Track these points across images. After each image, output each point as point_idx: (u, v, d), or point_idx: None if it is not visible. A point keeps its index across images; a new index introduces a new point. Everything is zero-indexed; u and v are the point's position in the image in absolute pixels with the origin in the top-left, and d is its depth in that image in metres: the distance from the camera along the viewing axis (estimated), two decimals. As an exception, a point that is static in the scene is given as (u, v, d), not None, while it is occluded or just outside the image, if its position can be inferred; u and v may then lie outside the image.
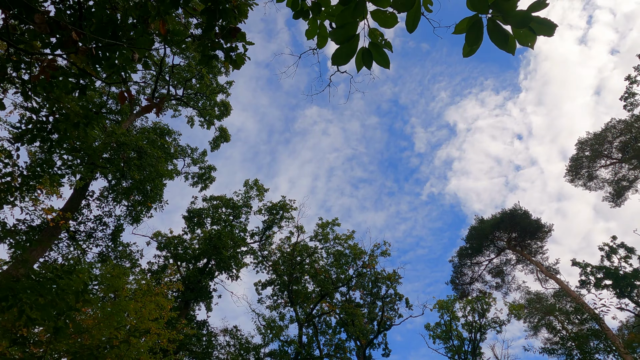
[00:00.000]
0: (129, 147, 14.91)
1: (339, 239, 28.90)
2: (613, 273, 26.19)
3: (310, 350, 29.91)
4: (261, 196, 30.14)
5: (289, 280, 28.82)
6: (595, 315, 22.16)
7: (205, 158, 28.29)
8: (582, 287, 28.01)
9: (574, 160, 30.49)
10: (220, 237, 22.66)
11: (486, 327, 35.12)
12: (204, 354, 18.80)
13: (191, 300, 23.48)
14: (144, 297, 12.66)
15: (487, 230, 31.62)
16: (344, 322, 32.11)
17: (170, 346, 13.22)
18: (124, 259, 17.45)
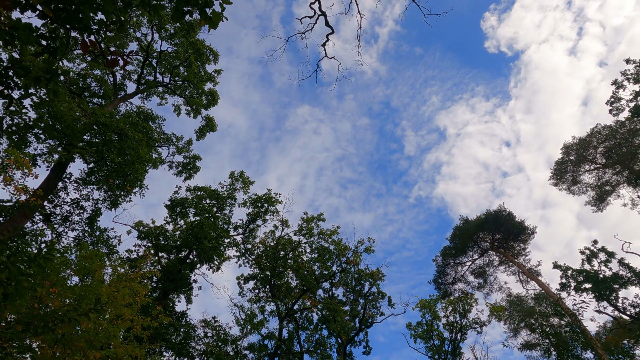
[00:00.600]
0: (110, 129, 14.47)
1: (324, 234, 28.68)
2: (593, 276, 26.47)
3: (291, 346, 29.63)
4: (246, 189, 29.74)
5: (271, 275, 28.52)
6: (573, 315, 22.35)
7: (190, 147, 27.83)
8: (562, 289, 28.26)
9: (559, 164, 30.77)
10: (202, 227, 22.23)
11: (467, 328, 35.25)
12: (180, 344, 18.40)
13: (170, 290, 23.02)
14: (118, 283, 12.27)
15: (471, 231, 31.72)
16: (325, 319, 31.91)
17: (145, 333, 12.84)
18: (101, 245, 16.97)
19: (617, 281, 25.24)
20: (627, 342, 25.76)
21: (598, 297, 26.59)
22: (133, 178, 15.32)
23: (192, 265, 25.28)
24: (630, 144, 26.24)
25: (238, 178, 29.74)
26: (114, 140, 15.16)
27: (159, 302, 22.90)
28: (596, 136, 28.75)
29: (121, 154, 14.97)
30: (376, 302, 33.57)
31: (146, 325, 12.52)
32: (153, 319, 13.05)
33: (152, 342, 15.10)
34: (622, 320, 26.86)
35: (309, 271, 28.86)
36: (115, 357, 11.08)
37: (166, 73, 26.17)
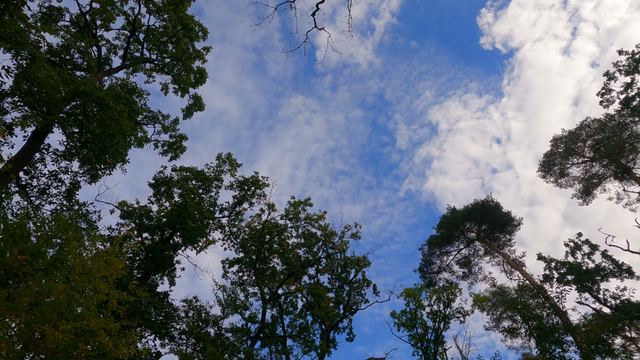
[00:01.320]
0: (89, 98, 13.91)
1: (310, 219, 28.42)
2: (576, 268, 26.68)
3: (274, 330, 29.51)
4: (234, 171, 29.26)
5: (256, 258, 28.24)
6: (554, 305, 22.51)
7: (177, 126, 27.17)
8: (545, 281, 28.46)
9: (547, 157, 30.83)
10: (187, 206, 21.78)
11: (450, 317, 35.51)
12: (161, 324, 18.07)
13: (152, 270, 22.61)
14: (95, 257, 11.86)
15: (458, 220, 31.74)
16: (310, 305, 31.84)
17: (121, 308, 12.47)
18: (80, 220, 16.46)
19: (599, 273, 25.47)
20: (605, 334, 26.12)
21: (580, 288, 26.83)
22: (113, 150, 14.81)
23: (176, 246, 24.87)
24: (619, 137, 26.34)
25: (225, 160, 29.23)
26: (95, 111, 14.62)
27: (140, 282, 22.51)
28: (585, 129, 28.82)
29: (101, 125, 14.43)
30: (361, 290, 33.57)
31: (122, 300, 12.15)
32: (130, 294, 12.68)
33: (130, 319, 14.73)
34: (603, 312, 27.19)
35: (294, 255, 28.65)
36: (88, 330, 10.72)
37: (154, 49, 25.44)
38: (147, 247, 23.78)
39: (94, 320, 10.70)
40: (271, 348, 29.33)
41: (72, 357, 10.44)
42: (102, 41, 24.42)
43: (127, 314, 15.54)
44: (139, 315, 16.32)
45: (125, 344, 11.39)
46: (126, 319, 14.53)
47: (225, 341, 19.82)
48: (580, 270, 26.13)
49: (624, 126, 26.36)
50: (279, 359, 32.16)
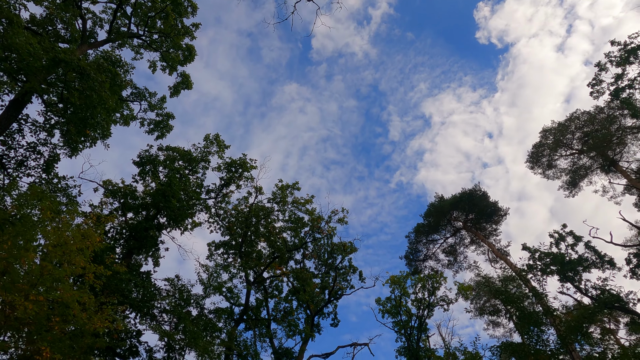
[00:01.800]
0: (70, 66, 13.44)
1: (297, 203, 28.21)
2: (559, 258, 26.91)
3: (258, 313, 29.48)
4: (221, 152, 28.82)
5: (242, 241, 28.04)
6: (534, 288, 22.74)
7: (164, 105, 26.66)
8: (529, 271, 28.73)
9: (536, 148, 30.91)
10: (171, 185, 21.41)
11: (434, 305, 35.83)
12: (141, 302, 17.83)
13: (135, 249, 22.29)
14: (70, 228, 11.54)
15: (445, 208, 31.81)
16: (295, 289, 31.83)
17: (97, 282, 12.20)
18: (58, 193, 16.06)
19: (581, 264, 25.73)
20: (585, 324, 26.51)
21: (563, 279, 27.12)
22: (94, 122, 14.38)
23: (160, 226, 24.53)
24: (607, 130, 26.46)
25: (213, 141, 28.77)
26: (75, 81, 14.14)
27: (122, 261, 22.20)
28: (575, 122, 28.89)
29: (82, 97, 13.97)
30: (347, 276, 33.63)
31: (99, 274, 11.87)
32: (107, 268, 12.41)
33: (109, 295, 14.45)
34: (584, 303, 27.56)
35: (280, 239, 28.50)
36: (61, 302, 10.45)
37: (141, 25, 24.76)
38: (130, 226, 23.42)
39: (68, 292, 10.44)
40: (255, 331, 29.36)
41: (44, 329, 10.19)
42: (88, 14, 23.69)
43: (106, 291, 15.27)
44: (119, 292, 16.05)
45: (101, 317, 11.16)
46: (105, 295, 14.26)
47: (206, 320, 19.65)
48: (563, 261, 26.36)
49: (612, 119, 26.45)
50: (263, 341, 32.24)
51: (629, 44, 19.83)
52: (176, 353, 18.36)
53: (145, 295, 18.47)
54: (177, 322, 18.30)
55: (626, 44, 19.96)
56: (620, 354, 16.07)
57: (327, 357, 30.50)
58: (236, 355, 23.48)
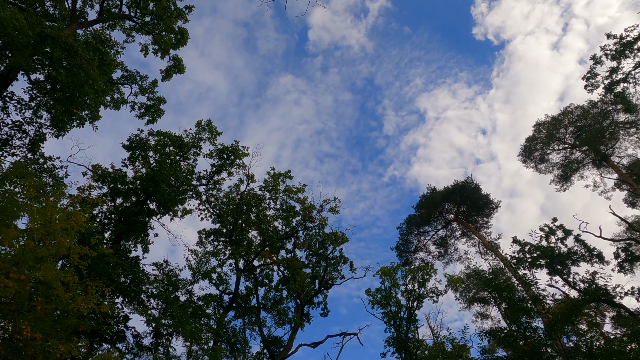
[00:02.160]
0: (57, 42, 13.05)
1: (289, 191, 28.02)
2: (548, 251, 27.07)
3: (248, 302, 29.39)
4: (213, 139, 28.48)
5: (232, 229, 27.83)
6: (522, 276, 22.87)
7: (155, 89, 26.21)
8: (519, 263, 28.89)
9: (529, 141, 30.95)
10: (161, 170, 21.09)
11: (424, 296, 36.01)
12: (129, 287, 17.61)
13: (123, 234, 22.00)
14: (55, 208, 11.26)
15: (437, 200, 31.82)
16: (286, 279, 31.78)
17: (82, 263, 11.95)
18: (44, 173, 15.70)
19: (570, 257, 25.89)
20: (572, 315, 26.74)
21: (551, 272, 27.30)
22: (81, 101, 14.02)
23: (150, 212, 24.23)
24: (600, 125, 26.54)
25: (205, 127, 28.40)
26: (62, 58, 13.75)
27: (111, 246, 21.92)
28: (568, 116, 28.94)
29: (69, 74, 13.60)
30: (338, 266, 33.63)
31: (84, 255, 11.62)
32: (92, 249, 12.15)
33: (95, 279, 14.19)
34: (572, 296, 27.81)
35: (272, 228, 28.33)
36: (44, 282, 10.22)
37: (133, 6, 24.24)
38: (119, 211, 23.11)
39: (51, 272, 10.20)
40: (244, 320, 29.30)
41: (25, 309, 9.96)
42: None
43: (93, 274, 15.02)
44: (106, 276, 15.80)
45: (86, 299, 10.94)
46: (91, 278, 14.01)
47: (195, 306, 19.49)
48: (553, 254, 26.51)
49: (605, 114, 26.53)
50: (252, 330, 32.19)
51: (625, 37, 19.77)
52: (164, 339, 18.21)
53: (134, 280, 18.24)
54: (164, 308, 18.12)
55: (622, 37, 19.89)
56: (605, 347, 16.18)
57: (316, 346, 30.59)
58: (225, 342, 23.40)
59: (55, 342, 9.62)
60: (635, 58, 20.30)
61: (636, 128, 26.85)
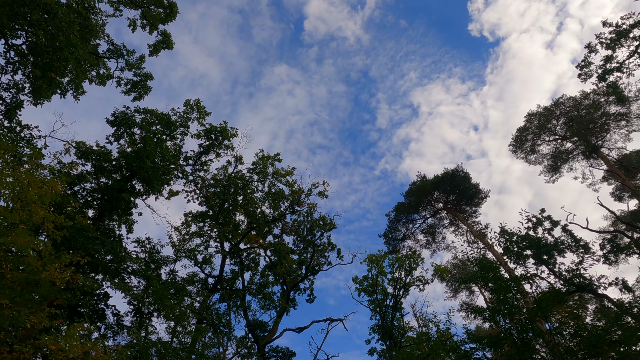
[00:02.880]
0: (34, 2, 12.39)
1: (278, 174, 27.59)
2: (535, 242, 27.11)
3: (233, 284, 29.10)
4: (202, 119, 27.88)
5: (219, 210, 27.39)
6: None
7: (142, 64, 25.45)
8: (505, 254, 28.94)
9: (520, 132, 30.85)
10: (146, 145, 20.50)
11: (410, 285, 36.07)
12: (109, 262, 17.14)
13: (106, 210, 21.41)
14: (28, 174, 10.73)
15: (427, 188, 31.67)
16: (272, 264, 31.53)
17: (57, 233, 11.46)
18: (21, 143, 15.08)
19: (557, 247, 25.94)
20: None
21: (538, 262, 27.38)
22: (60, 66, 13.39)
23: (135, 192, 23.62)
24: (591, 116, 26.50)
25: (193, 107, 27.78)
26: (42, 22, 13.09)
27: (93, 223, 21.35)
28: (560, 107, 28.85)
29: (48, 38, 12.95)
30: (325, 252, 33.48)
31: (59, 224, 11.13)
32: (67, 218, 11.66)
33: (73, 253, 13.70)
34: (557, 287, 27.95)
35: (260, 210, 27.94)
36: (14, 247, 9.73)
37: (121, -24, 23.40)
38: (102, 188, 22.50)
39: (22, 238, 9.71)
40: (229, 303, 29.05)
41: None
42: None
43: (69, 247, 14.52)
44: (85, 251, 15.30)
45: (59, 267, 10.48)
46: (67, 251, 13.54)
47: (177, 285, 19.09)
48: (539, 243, 26.55)
49: (597, 105, 26.48)
50: (237, 314, 31.97)
51: (621, 25, 19.57)
52: (145, 317, 17.81)
53: (115, 256, 17.76)
54: (146, 286, 17.70)
55: (618, 25, 19.69)
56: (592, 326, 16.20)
57: (301, 331, 30.49)
58: (208, 324, 23.07)
59: (24, 310, 9.18)
60: (630, 47, 20.14)
61: (626, 121, 26.89)
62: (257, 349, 27.98)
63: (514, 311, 11.19)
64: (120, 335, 18.59)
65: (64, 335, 9.17)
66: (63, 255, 10.86)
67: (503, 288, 11.70)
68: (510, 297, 11.69)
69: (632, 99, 25.51)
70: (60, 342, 8.95)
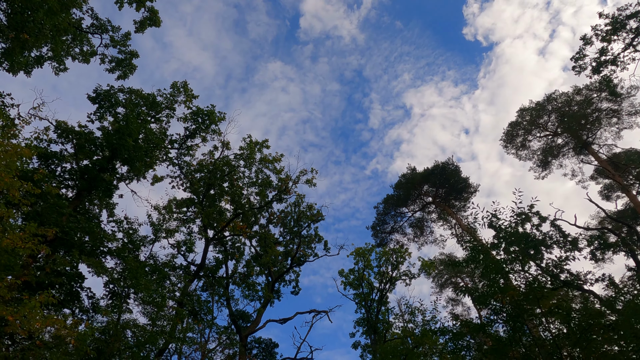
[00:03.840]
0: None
1: (266, 160, 26.94)
2: (522, 237, 26.93)
3: (216, 272, 28.47)
4: (189, 102, 27.09)
5: (204, 197, 26.67)
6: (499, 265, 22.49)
7: (128, 42, 24.59)
8: (493, 249, 28.73)
9: (512, 126, 30.63)
10: (128, 122, 19.71)
11: (397, 279, 35.75)
12: (84, 242, 16.39)
13: (85, 190, 20.56)
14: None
15: (417, 180, 31.29)
16: (258, 255, 30.96)
17: (24, 202, 10.73)
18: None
19: (545, 242, 25.77)
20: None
21: (524, 258, 27.20)
22: (34, 27, 12.59)
23: (115, 170, 22.76)
24: (583, 112, 26.36)
25: (180, 89, 26.96)
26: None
27: (71, 203, 20.53)
28: (552, 103, 28.66)
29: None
30: (312, 243, 32.99)
31: (24, 191, 10.40)
32: (35, 186, 10.93)
33: (44, 227, 12.96)
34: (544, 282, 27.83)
35: (245, 195, 27.29)
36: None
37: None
38: (81, 168, 21.66)
39: (-19, 203, 8.97)
40: (212, 291, 28.42)
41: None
42: None
43: (42, 223, 13.75)
44: (59, 228, 14.52)
45: (23, 236, 9.76)
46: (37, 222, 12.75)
47: (155, 266, 18.39)
48: (527, 238, 26.36)
49: (589, 101, 26.34)
50: (220, 304, 31.30)
51: (617, 16, 19.32)
52: (121, 299, 17.08)
53: (91, 236, 17.00)
54: (123, 268, 16.98)
55: (614, 16, 19.44)
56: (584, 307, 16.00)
57: (285, 322, 29.93)
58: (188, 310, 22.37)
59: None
60: (626, 40, 19.91)
61: (618, 118, 26.81)
62: (239, 339, 27.39)
63: (505, 290, 10.78)
64: (94, 320, 17.85)
65: (23, 306, 8.49)
66: (29, 225, 10.14)
67: (494, 269, 11.30)
68: (501, 278, 11.29)
69: (625, 95, 25.40)
70: (19, 314, 8.27)
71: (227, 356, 27.75)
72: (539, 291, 11.02)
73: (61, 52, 16.79)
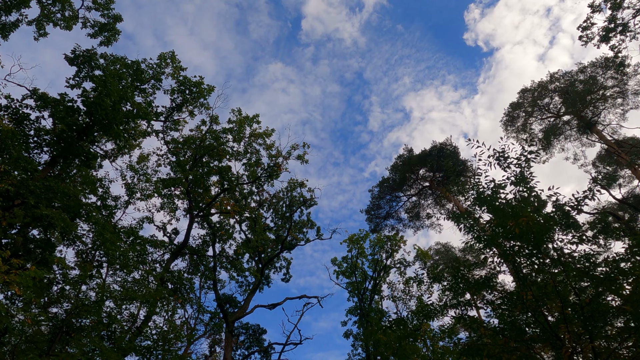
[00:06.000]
0: None
1: (255, 135, 25.67)
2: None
3: (203, 252, 27.21)
4: (177, 74, 25.79)
5: (191, 167, 25.35)
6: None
7: (112, 5, 23.31)
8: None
9: (513, 107, 29.55)
10: (106, 83, 18.36)
11: (391, 267, 34.60)
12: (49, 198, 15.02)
13: (59, 156, 19.19)
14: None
15: (413, 162, 30.10)
16: (247, 240, 29.81)
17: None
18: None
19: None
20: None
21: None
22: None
23: (94, 138, 21.39)
24: (588, 89, 25.32)
25: (168, 60, 25.62)
26: None
27: (44, 170, 19.18)
28: (555, 82, 27.63)
29: None
30: (304, 228, 31.90)
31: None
32: None
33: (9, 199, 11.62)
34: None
35: (235, 176, 25.99)
36: None
37: None
38: (57, 133, 20.27)
39: None
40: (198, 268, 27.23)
41: None
42: None
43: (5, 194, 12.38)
44: (27, 190, 13.19)
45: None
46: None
47: (127, 230, 17.04)
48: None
49: (593, 80, 25.33)
50: (207, 288, 30.04)
51: (628, -20, 18.29)
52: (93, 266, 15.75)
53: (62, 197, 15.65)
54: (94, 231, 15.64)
55: (625, -20, 18.41)
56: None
57: (274, 308, 28.64)
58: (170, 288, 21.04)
59: None
60: (637, 5, 18.86)
61: (623, 98, 25.80)
62: (225, 325, 26.10)
63: (520, 214, 9.54)
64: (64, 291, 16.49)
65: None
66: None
67: (503, 215, 10.08)
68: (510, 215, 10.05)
69: (631, 73, 24.43)
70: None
71: (213, 340, 26.51)
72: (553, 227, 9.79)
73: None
